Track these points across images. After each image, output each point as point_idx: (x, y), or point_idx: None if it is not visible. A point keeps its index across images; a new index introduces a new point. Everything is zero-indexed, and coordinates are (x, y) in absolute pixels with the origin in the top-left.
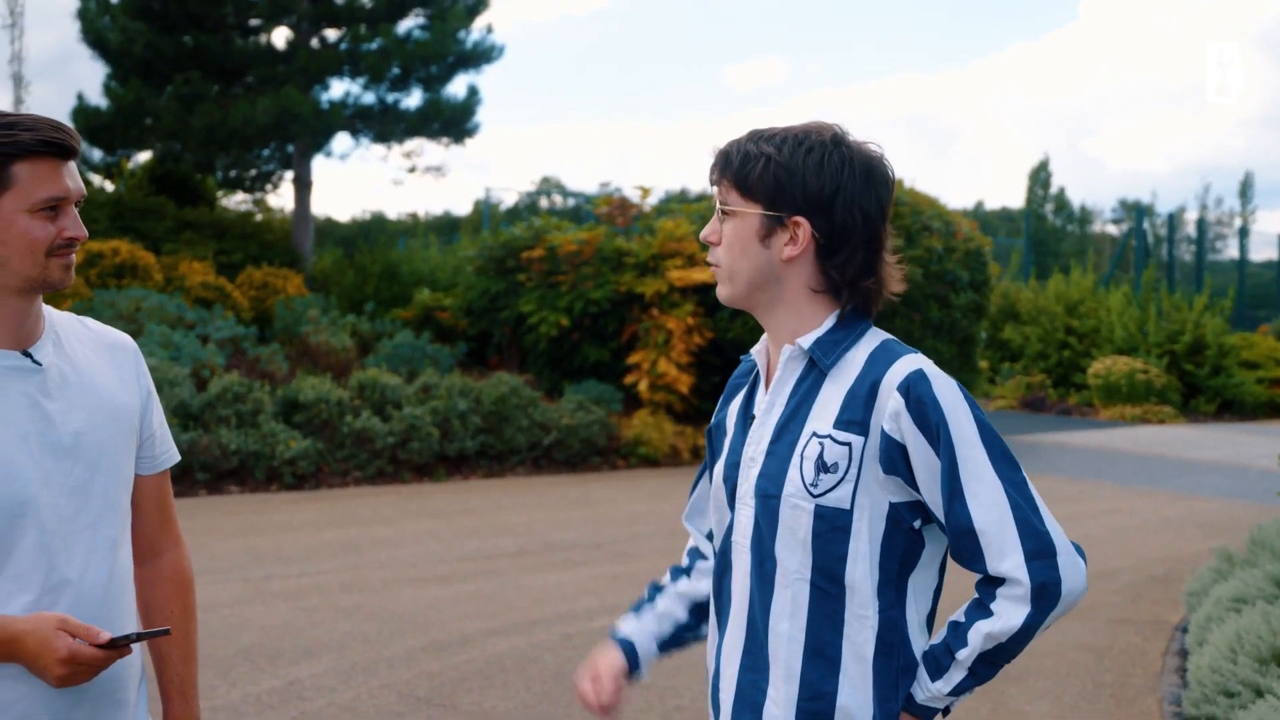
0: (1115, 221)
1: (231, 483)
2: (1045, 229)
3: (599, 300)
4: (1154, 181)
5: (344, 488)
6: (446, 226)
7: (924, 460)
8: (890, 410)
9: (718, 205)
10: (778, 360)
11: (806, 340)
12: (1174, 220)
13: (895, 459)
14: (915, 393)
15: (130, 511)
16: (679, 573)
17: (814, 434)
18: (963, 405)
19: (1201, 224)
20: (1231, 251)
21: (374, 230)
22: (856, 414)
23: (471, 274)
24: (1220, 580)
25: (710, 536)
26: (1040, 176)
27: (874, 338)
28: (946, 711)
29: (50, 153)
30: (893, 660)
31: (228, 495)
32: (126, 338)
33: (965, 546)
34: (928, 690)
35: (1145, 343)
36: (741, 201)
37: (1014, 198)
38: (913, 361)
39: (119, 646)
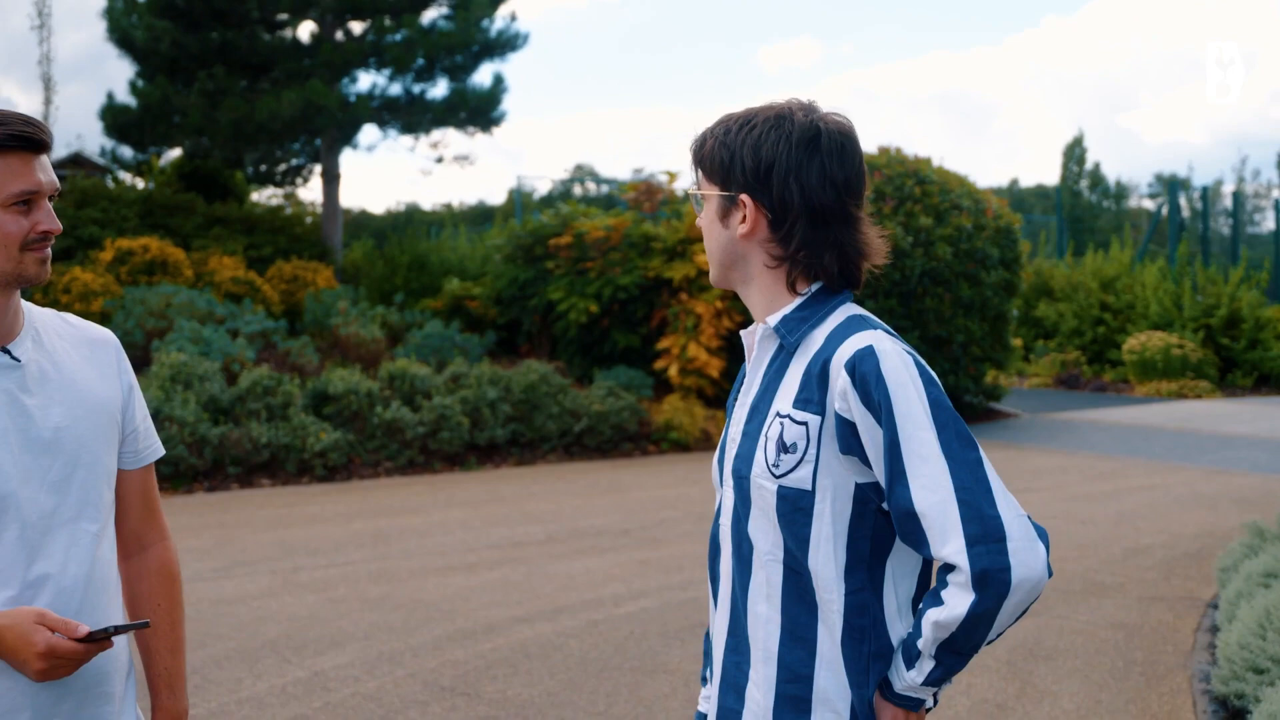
0: (1151, 196)
1: (263, 476)
2: (1080, 205)
3: (628, 286)
4: (1191, 154)
5: (375, 479)
6: (480, 216)
7: (871, 439)
8: (839, 388)
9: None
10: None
11: (774, 319)
12: (1209, 194)
13: (849, 438)
14: (861, 370)
15: (113, 506)
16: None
17: (777, 413)
18: (912, 383)
19: (1238, 197)
20: (1269, 224)
21: (407, 222)
22: (812, 393)
23: (500, 263)
24: (1251, 555)
25: None
26: (1075, 152)
27: (841, 314)
28: (935, 702)
29: (21, 146)
30: (864, 646)
31: (259, 489)
32: (108, 333)
33: (909, 530)
34: (904, 679)
35: (1181, 317)
36: (705, 184)
37: (1049, 174)
38: (866, 338)
39: (98, 640)
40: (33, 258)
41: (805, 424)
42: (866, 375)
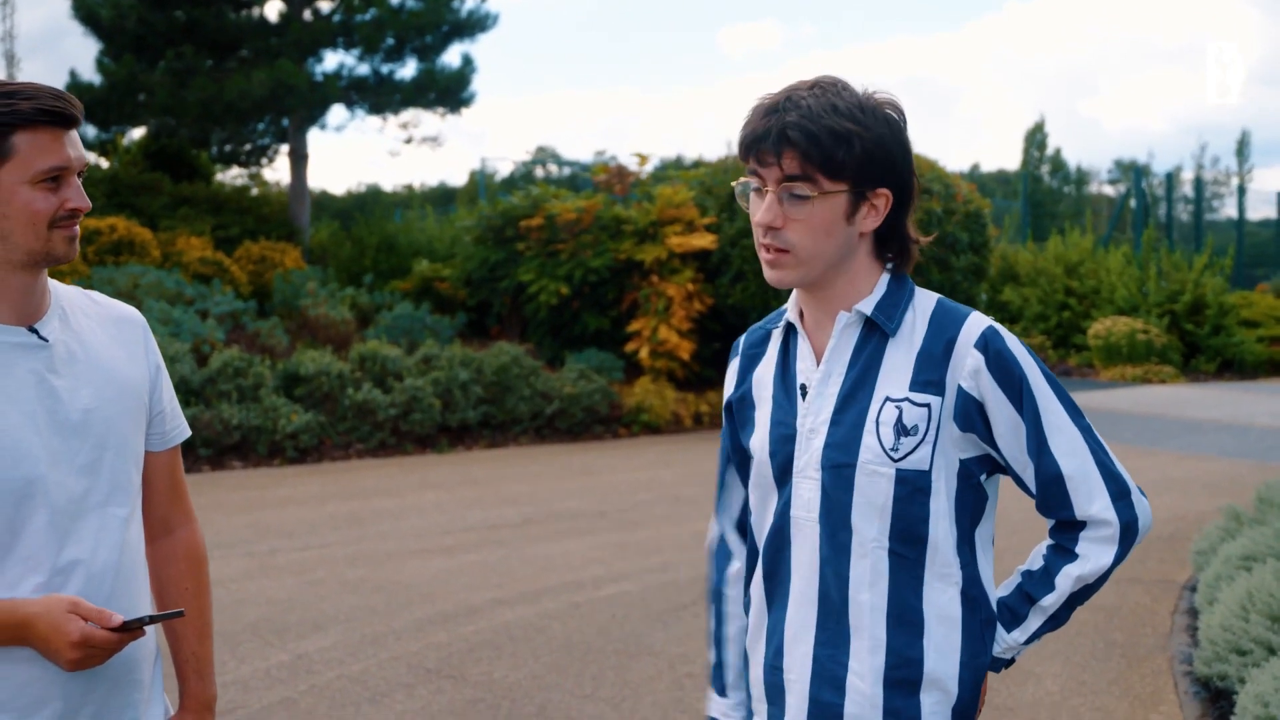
0: (1112, 182)
1: (234, 458)
2: (1042, 190)
3: (598, 268)
4: (1151, 141)
5: (346, 460)
6: (442, 197)
7: (1004, 415)
8: (969, 368)
9: (777, 186)
10: (827, 328)
11: (867, 306)
12: (1171, 180)
13: (973, 415)
14: (994, 348)
15: (141, 489)
16: (721, 600)
17: (888, 398)
18: (1033, 360)
19: (1199, 183)
20: (1229, 210)
21: (369, 203)
22: (932, 374)
23: (470, 244)
24: (1229, 539)
25: (741, 522)
26: (1036, 138)
27: (926, 297)
28: (1011, 662)
29: (51, 122)
30: (978, 614)
31: (230, 470)
32: (135, 312)
33: (1054, 494)
34: (1003, 641)
35: (1145, 303)
36: (829, 182)
37: (1010, 160)
38: (981, 319)
39: (132, 629)
40: (61, 235)
41: (927, 405)
42: (1002, 353)
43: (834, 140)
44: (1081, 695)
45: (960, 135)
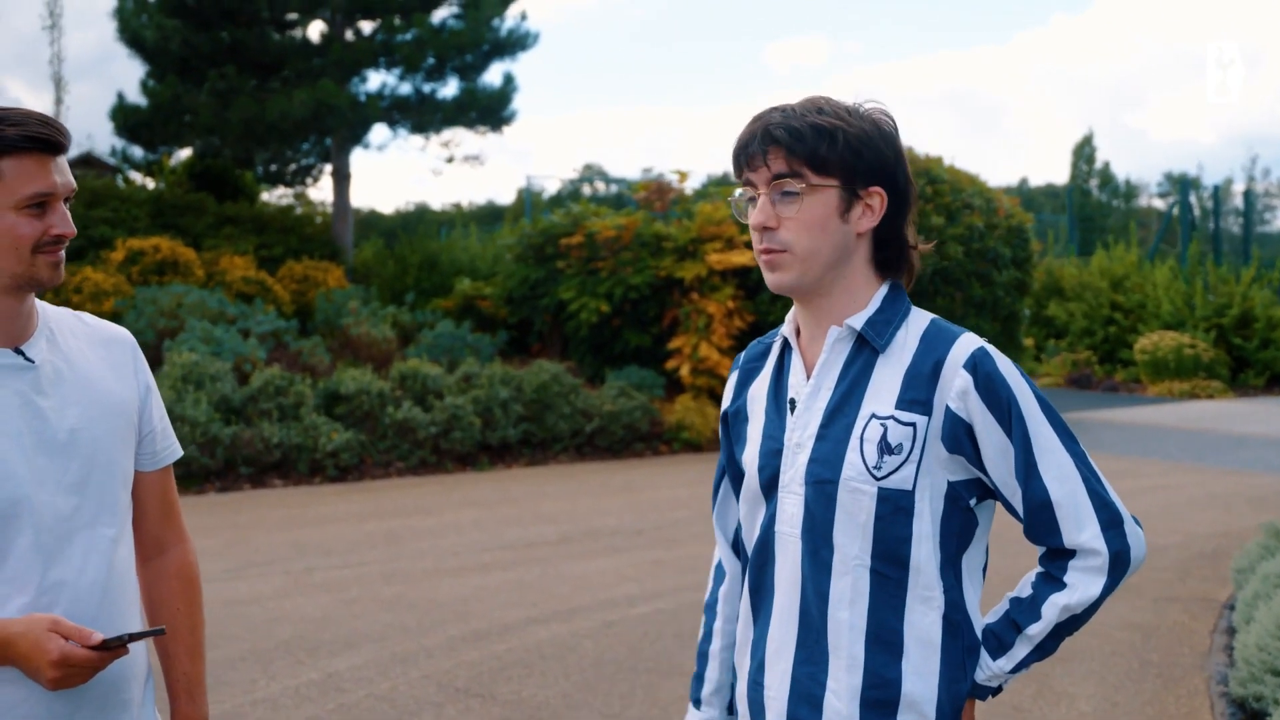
0: (1161, 195)
1: (275, 476)
2: (1090, 205)
3: (639, 285)
4: (1200, 153)
5: (386, 479)
6: (490, 216)
7: (993, 438)
8: (957, 389)
9: (768, 187)
10: (819, 342)
11: (858, 320)
12: (1220, 192)
13: (960, 437)
14: (983, 370)
15: (130, 508)
16: (711, 616)
17: (873, 415)
18: (1025, 382)
19: (1249, 195)
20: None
21: (417, 221)
22: (920, 394)
23: (511, 262)
24: (1268, 556)
25: (736, 536)
26: (1084, 151)
27: (921, 316)
28: (998, 690)
29: (37, 148)
30: (959, 640)
31: (271, 489)
32: (124, 332)
33: (1041, 521)
34: (988, 669)
35: (1192, 317)
36: (817, 177)
37: (1059, 174)
38: (973, 340)
39: (113, 648)
40: (46, 261)
41: (913, 425)
42: (991, 375)
43: (817, 135)
44: (1115, 717)
45: (1008, 149)
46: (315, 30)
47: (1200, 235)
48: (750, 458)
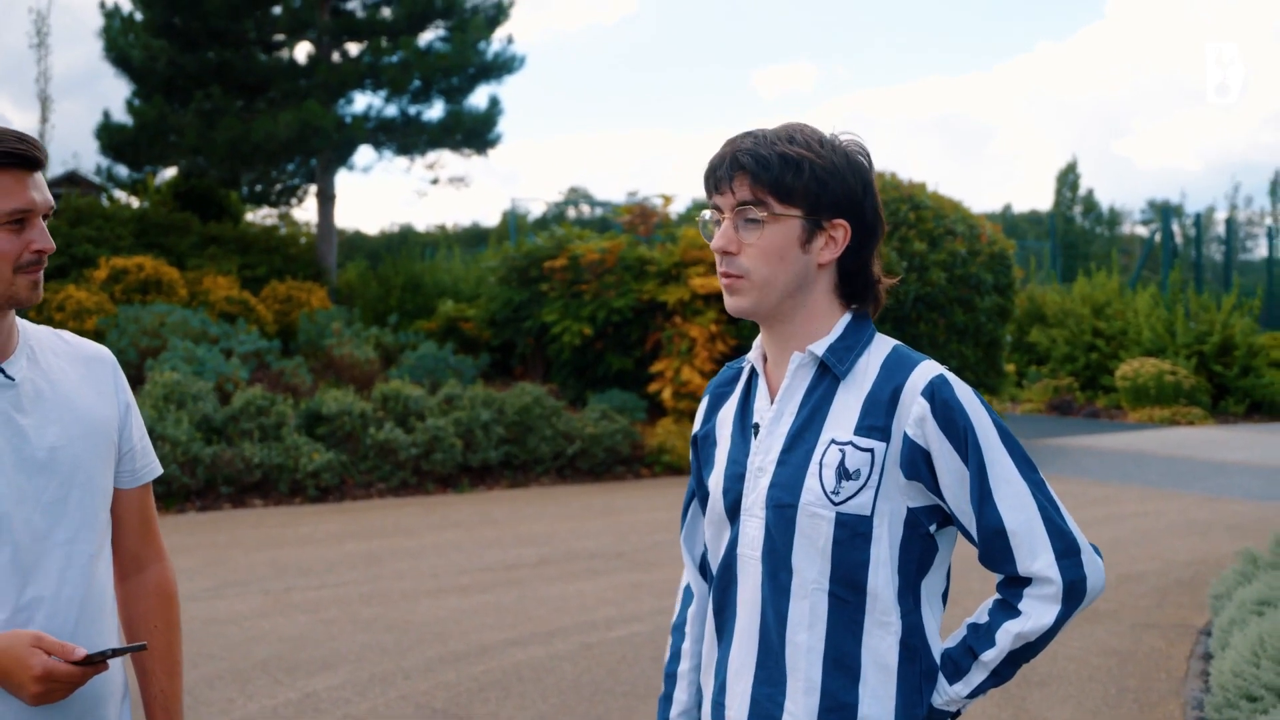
0: (1144, 223)
1: (255, 496)
2: (1074, 231)
3: (622, 309)
4: (1184, 181)
5: (367, 500)
6: (474, 238)
7: (949, 464)
8: (915, 415)
9: (732, 212)
10: (783, 367)
11: (819, 347)
12: (1202, 220)
13: (918, 464)
14: (940, 397)
15: (109, 526)
16: (679, 638)
17: (833, 441)
18: (983, 410)
19: (1230, 223)
20: (1262, 251)
21: (401, 243)
22: (878, 420)
23: (494, 284)
24: (1244, 583)
25: (703, 559)
26: (1068, 178)
27: (883, 343)
28: (957, 715)
29: (14, 164)
30: (916, 665)
31: (251, 509)
32: (104, 350)
33: (996, 548)
34: (945, 694)
35: (1173, 344)
36: (781, 206)
37: (1043, 200)
38: (932, 367)
39: (95, 663)
40: (25, 280)
41: (870, 450)
42: (948, 402)
43: (783, 164)
44: None
45: (993, 175)
46: (302, 52)
47: (1182, 262)
48: (715, 481)
